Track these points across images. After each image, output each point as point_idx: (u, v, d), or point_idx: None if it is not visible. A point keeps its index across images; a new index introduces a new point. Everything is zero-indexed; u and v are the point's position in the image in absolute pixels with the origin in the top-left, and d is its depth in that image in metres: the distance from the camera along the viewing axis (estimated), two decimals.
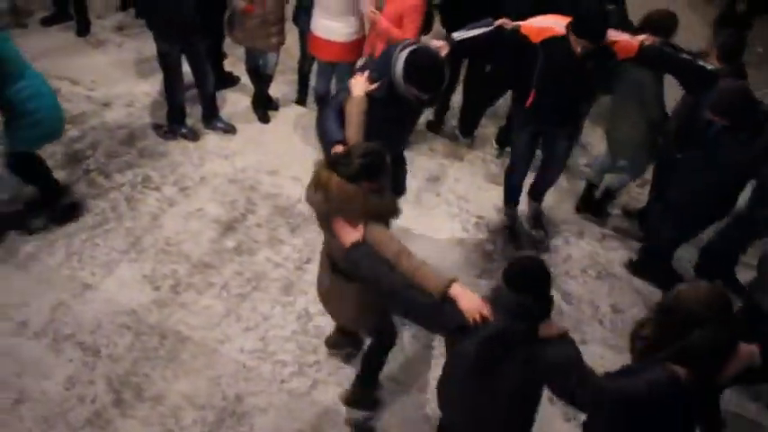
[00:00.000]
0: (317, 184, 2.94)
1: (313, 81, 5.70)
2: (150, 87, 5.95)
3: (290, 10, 5.51)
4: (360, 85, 3.52)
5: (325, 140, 3.53)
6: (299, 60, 5.84)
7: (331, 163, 2.94)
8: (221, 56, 5.93)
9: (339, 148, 3.25)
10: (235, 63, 6.09)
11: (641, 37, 4.05)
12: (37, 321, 4.11)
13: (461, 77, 5.64)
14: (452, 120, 5.95)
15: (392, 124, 3.65)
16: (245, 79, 5.84)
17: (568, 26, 3.94)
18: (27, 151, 4.41)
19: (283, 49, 5.49)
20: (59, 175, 4.97)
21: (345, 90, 3.59)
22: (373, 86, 3.52)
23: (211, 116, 5.54)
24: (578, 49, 3.91)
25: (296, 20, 5.58)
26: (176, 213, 4.82)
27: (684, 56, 4.09)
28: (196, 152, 5.38)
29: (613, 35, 3.96)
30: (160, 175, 5.14)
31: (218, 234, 4.75)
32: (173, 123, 5.43)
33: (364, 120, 3.42)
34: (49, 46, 6.17)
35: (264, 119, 5.77)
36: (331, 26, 5.03)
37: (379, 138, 3.16)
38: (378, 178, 2.92)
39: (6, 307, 4.18)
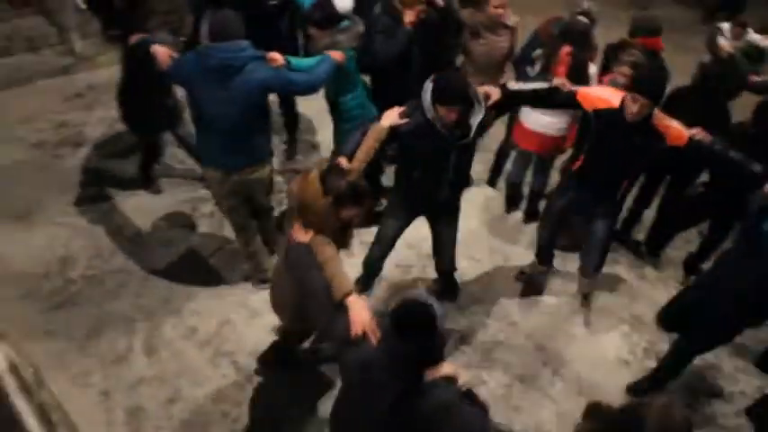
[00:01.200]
0: (300, 180, 3.09)
1: (509, 165, 5.69)
2: None
3: None
4: (389, 117, 3.62)
5: (339, 149, 3.74)
6: (501, 143, 5.86)
7: (325, 170, 3.09)
8: None
9: (342, 161, 3.40)
10: None
11: (694, 130, 3.85)
12: (204, 331, 4.35)
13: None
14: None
15: (428, 163, 3.79)
16: None
17: (626, 93, 3.86)
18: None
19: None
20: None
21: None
22: (402, 121, 3.61)
23: None
24: (633, 110, 3.77)
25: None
26: (353, 263, 4.92)
27: (733, 155, 3.83)
28: None
29: (666, 119, 3.87)
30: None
31: (386, 294, 4.78)
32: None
33: (376, 149, 3.56)
34: None
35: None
36: (543, 119, 5.00)
37: (419, 180, 3.61)
38: (350, 209, 3.06)
39: (183, 311, 4.47)
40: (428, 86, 3.58)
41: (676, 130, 3.83)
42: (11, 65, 6.64)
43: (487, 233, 5.51)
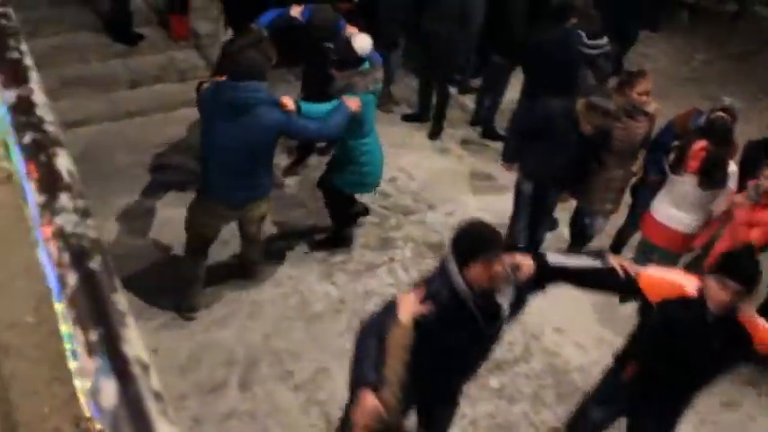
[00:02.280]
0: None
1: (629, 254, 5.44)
2: (477, 202, 6.18)
3: None
4: (407, 306, 2.82)
5: (356, 378, 2.87)
6: (620, 228, 5.64)
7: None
8: None
9: (368, 398, 2.65)
10: None
11: None
12: (300, 376, 4.34)
13: None
14: None
15: (449, 354, 3.01)
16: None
17: (707, 274, 3.06)
18: (343, 191, 5.06)
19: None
20: (367, 254, 5.37)
21: (392, 314, 2.84)
22: (424, 307, 2.84)
23: None
24: (720, 299, 2.92)
25: (634, 192, 5.46)
26: None
27: None
28: None
29: (754, 315, 3.09)
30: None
31: (486, 369, 4.59)
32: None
33: (407, 357, 2.77)
34: (401, 138, 6.78)
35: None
36: (677, 216, 4.80)
37: (430, 372, 2.85)
38: None
39: (282, 351, 4.49)
40: (449, 256, 2.90)
41: (765, 330, 3.02)
42: (161, 92, 7.08)
43: (597, 320, 5.24)
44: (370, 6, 6.64)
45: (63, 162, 1.11)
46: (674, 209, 4.80)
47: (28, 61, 1.46)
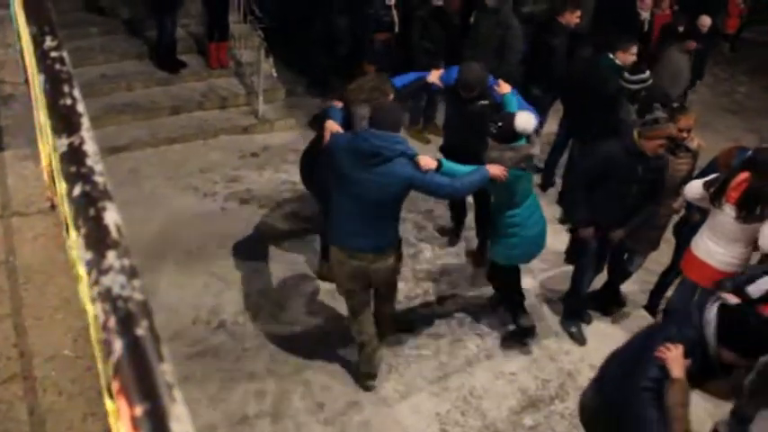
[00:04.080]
0: None
1: (669, 292, 5.35)
2: None
3: None
4: (678, 362, 2.87)
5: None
6: (666, 269, 5.52)
7: None
8: None
9: None
10: None
11: None
12: (331, 408, 4.30)
13: None
14: None
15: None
16: None
17: None
18: (503, 263, 4.85)
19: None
20: (400, 285, 5.31)
21: (653, 374, 2.91)
22: (688, 362, 2.90)
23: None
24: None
25: (678, 232, 5.36)
26: (490, 367, 4.75)
27: None
28: None
29: None
30: (489, 323, 5.15)
31: (521, 406, 4.53)
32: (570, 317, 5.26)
33: (688, 411, 2.84)
34: None
35: (608, 312, 5.49)
36: (713, 250, 4.68)
37: None
38: None
39: (313, 383, 4.47)
40: (710, 319, 2.97)
41: None
42: (202, 119, 7.21)
43: None
44: (407, 37, 6.71)
45: (111, 217, 1.11)
46: (712, 243, 4.67)
47: (80, 108, 1.48)
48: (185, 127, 7.06)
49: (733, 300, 3.24)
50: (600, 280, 5.40)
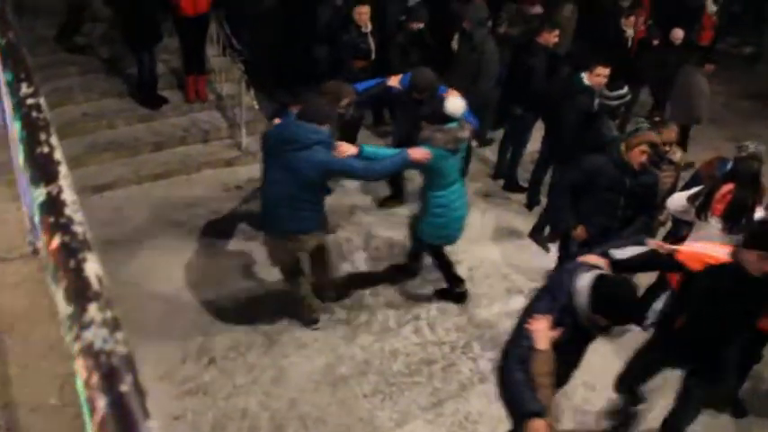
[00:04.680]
0: None
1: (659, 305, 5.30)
2: (499, 257, 6.11)
3: None
4: (543, 335, 3.09)
5: (518, 412, 3.12)
6: (653, 284, 5.50)
7: None
8: None
9: (540, 428, 2.90)
10: None
11: None
12: None
13: None
14: None
15: (569, 358, 3.37)
16: None
17: (743, 247, 3.50)
18: (430, 242, 5.27)
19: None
20: (391, 313, 5.35)
21: (526, 341, 3.13)
22: (557, 332, 3.12)
23: None
24: (762, 269, 3.38)
25: None
26: (484, 391, 4.70)
27: None
28: None
29: None
30: (481, 347, 5.11)
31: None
32: None
33: (553, 380, 3.08)
34: None
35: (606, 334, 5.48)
36: None
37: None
38: None
39: (308, 417, 4.42)
40: (582, 287, 3.15)
41: None
42: (185, 154, 7.18)
43: None
44: (385, 63, 6.75)
45: (92, 268, 1.09)
46: None
47: (58, 155, 1.46)
48: (168, 162, 7.03)
49: (596, 261, 3.44)
50: None
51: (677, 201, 4.88)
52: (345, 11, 7.01)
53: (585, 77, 5.81)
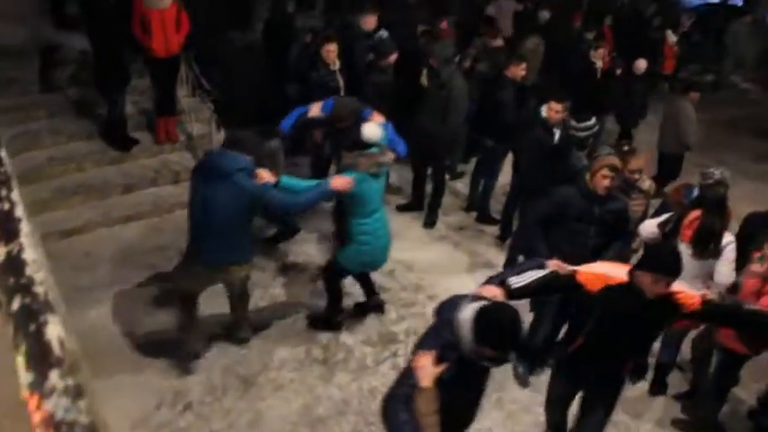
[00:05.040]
0: None
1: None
2: (474, 290, 6.08)
3: None
4: (427, 371, 2.93)
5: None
6: None
7: None
8: None
9: None
10: None
11: (704, 291, 3.65)
12: None
13: None
14: None
15: (462, 397, 3.22)
16: None
17: (637, 269, 3.49)
18: (345, 268, 5.19)
19: None
20: (368, 351, 5.29)
21: (411, 380, 3.00)
22: (442, 368, 2.98)
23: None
24: (657, 290, 3.39)
25: None
26: None
27: (751, 308, 3.69)
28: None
29: (676, 286, 3.49)
30: None
31: None
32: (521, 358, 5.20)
33: (438, 418, 2.94)
34: (397, 229, 6.74)
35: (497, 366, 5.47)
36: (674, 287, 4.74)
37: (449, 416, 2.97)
38: None
39: None
40: (465, 320, 3.00)
41: (688, 296, 3.51)
42: (156, 195, 7.11)
43: None
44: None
45: (54, 331, 1.06)
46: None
47: (18, 212, 1.43)
48: (139, 204, 6.96)
49: (492, 291, 3.39)
50: None
51: (649, 227, 4.94)
52: (313, 49, 7.05)
53: (544, 111, 5.91)
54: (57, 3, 8.66)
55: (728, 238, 4.63)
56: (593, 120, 6.02)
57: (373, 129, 4.85)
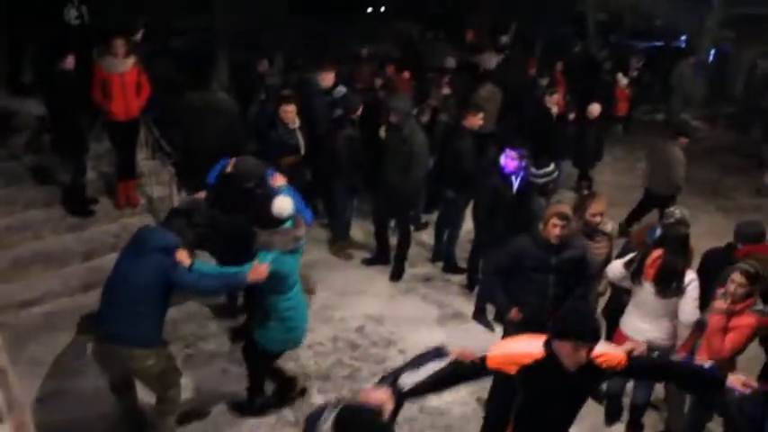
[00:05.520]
0: None
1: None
2: (445, 341, 6.00)
3: None
4: None
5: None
6: None
7: None
8: None
9: None
10: None
11: (627, 346, 3.65)
12: None
13: None
14: None
15: None
16: None
17: (554, 338, 3.18)
18: (267, 349, 4.86)
19: None
20: (316, 397, 5.19)
21: None
22: None
23: None
24: (576, 360, 3.10)
25: (607, 314, 5.49)
26: None
27: (678, 362, 3.81)
28: None
29: (598, 348, 3.21)
30: None
31: None
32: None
33: None
34: (364, 284, 6.73)
35: None
36: (641, 327, 4.80)
37: None
38: None
39: None
40: (328, 421, 2.90)
41: (611, 357, 3.29)
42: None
43: None
44: (312, 158, 6.83)
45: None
46: (639, 321, 4.82)
47: None
48: (100, 271, 6.75)
49: (378, 396, 3.15)
50: None
51: (615, 268, 4.99)
52: (271, 108, 7.08)
53: (502, 159, 6.02)
54: (12, 71, 8.61)
55: (691, 276, 4.70)
56: (552, 166, 6.12)
57: (284, 203, 4.55)
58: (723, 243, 5.44)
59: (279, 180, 5.22)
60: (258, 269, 4.34)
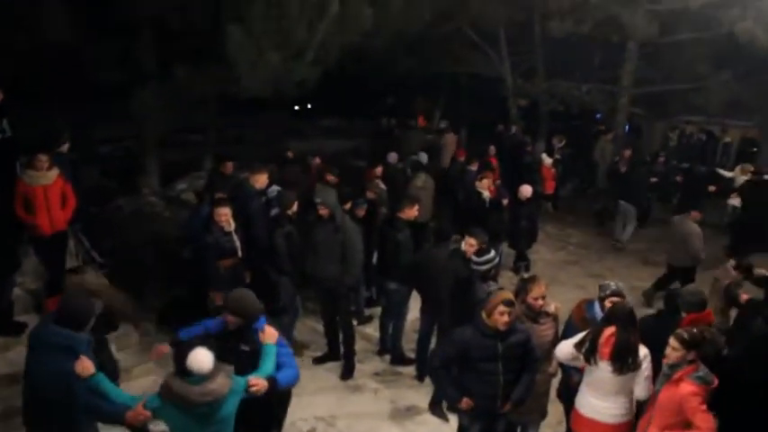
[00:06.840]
0: None
1: None
2: None
3: None
4: None
5: None
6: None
7: None
8: None
9: None
10: None
11: None
12: None
13: None
14: None
15: None
16: None
17: None
18: None
19: None
20: None
21: None
22: None
23: None
24: None
25: (561, 395, 5.47)
26: None
27: None
28: None
29: None
30: None
31: None
32: None
33: None
34: (314, 384, 6.54)
35: None
36: (600, 406, 4.76)
37: None
38: None
39: None
40: None
41: None
42: None
43: None
44: (251, 260, 6.73)
45: None
46: (596, 400, 4.77)
47: None
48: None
49: None
50: None
51: (565, 349, 4.97)
52: (206, 212, 6.99)
53: (463, 245, 6.10)
54: None
55: (644, 351, 4.71)
56: (493, 252, 6.19)
57: (201, 360, 3.84)
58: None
59: (268, 337, 4.42)
60: (134, 417, 3.87)
